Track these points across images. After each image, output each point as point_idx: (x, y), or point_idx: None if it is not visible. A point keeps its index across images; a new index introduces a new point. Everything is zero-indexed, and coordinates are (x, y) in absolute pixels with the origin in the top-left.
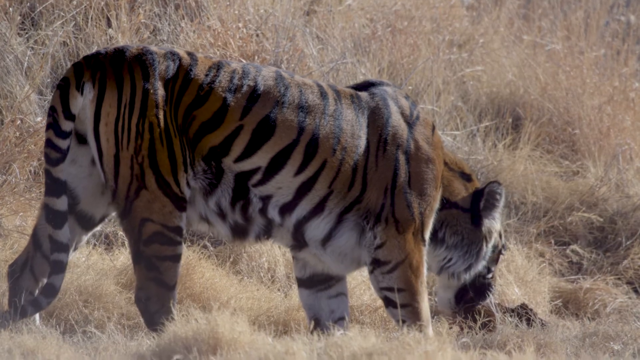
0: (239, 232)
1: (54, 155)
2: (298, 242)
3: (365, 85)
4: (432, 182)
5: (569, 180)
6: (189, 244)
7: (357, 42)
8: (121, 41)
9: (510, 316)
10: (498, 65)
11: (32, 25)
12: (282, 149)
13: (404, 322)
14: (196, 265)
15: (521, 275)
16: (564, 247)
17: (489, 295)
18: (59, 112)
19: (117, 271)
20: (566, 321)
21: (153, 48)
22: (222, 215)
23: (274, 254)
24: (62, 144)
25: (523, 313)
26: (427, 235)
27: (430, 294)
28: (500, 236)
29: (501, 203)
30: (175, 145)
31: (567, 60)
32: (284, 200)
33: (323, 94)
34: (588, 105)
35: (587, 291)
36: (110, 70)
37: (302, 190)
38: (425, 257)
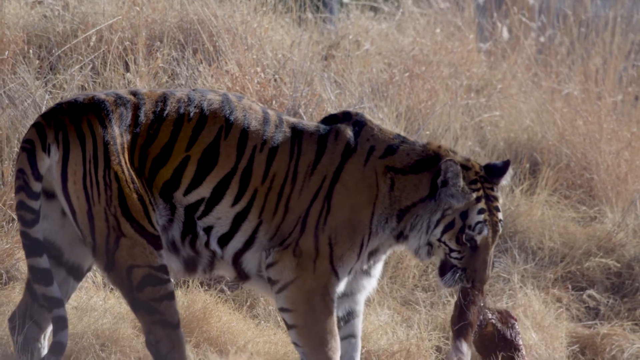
0: (190, 266)
1: (29, 217)
2: (239, 273)
3: (331, 119)
4: (358, 213)
5: (586, 225)
6: (206, 287)
7: (375, 86)
8: (139, 85)
9: (491, 315)
10: (516, 111)
11: (51, 69)
12: (223, 177)
13: (296, 344)
14: (213, 309)
15: (538, 320)
16: (581, 292)
17: (448, 275)
18: (29, 174)
19: (134, 315)
20: None
21: (102, 96)
22: (175, 250)
23: None
24: (35, 204)
25: (504, 320)
26: (341, 266)
27: None
28: (464, 216)
29: (458, 180)
30: (140, 189)
31: (585, 106)
32: (222, 231)
33: (266, 121)
34: (606, 150)
35: (604, 337)
36: (72, 128)
37: (238, 221)
38: (334, 288)
